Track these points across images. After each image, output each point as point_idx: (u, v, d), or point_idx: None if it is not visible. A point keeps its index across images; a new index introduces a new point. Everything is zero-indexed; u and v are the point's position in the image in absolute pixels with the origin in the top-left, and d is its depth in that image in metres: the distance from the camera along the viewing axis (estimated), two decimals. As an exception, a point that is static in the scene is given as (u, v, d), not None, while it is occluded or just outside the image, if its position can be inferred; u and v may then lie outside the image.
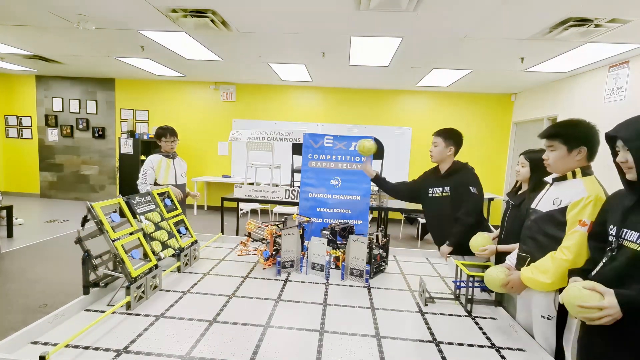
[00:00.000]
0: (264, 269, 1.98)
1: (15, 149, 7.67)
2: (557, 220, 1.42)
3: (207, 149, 7.33)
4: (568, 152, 1.46)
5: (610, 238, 1.20)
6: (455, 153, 2.41)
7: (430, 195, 2.45)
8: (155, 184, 3.19)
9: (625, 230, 1.16)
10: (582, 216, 1.33)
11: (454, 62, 4.68)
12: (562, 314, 1.44)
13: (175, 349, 1.18)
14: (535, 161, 1.94)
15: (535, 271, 1.39)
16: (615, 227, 1.19)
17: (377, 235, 2.02)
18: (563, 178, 1.50)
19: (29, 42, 4.69)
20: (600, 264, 1.21)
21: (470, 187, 2.27)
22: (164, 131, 3.32)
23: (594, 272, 1.21)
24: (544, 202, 1.52)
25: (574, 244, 1.32)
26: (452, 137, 2.39)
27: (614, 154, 1.23)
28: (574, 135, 1.45)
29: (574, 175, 1.46)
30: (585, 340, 1.26)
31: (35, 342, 1.18)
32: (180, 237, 1.99)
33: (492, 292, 1.66)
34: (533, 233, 1.52)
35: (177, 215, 2.08)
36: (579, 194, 1.37)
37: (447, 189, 2.36)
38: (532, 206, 1.60)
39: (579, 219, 1.33)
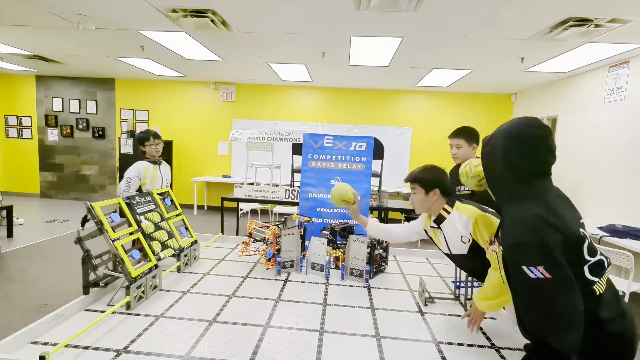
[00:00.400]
0: (267, 269, 1.98)
1: (15, 149, 7.67)
2: (477, 248, 1.44)
3: (207, 149, 7.33)
4: (426, 194, 1.56)
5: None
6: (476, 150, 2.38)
7: (457, 193, 2.40)
8: (139, 191, 2.93)
9: None
10: (484, 237, 1.38)
11: (454, 62, 4.68)
12: None
13: (175, 349, 1.18)
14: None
15: (492, 299, 1.34)
16: None
17: None
18: (441, 218, 1.55)
19: (29, 42, 4.69)
20: None
21: None
22: (146, 134, 2.99)
23: None
24: (456, 246, 1.52)
25: (496, 265, 1.31)
26: (473, 135, 2.37)
27: None
28: (428, 180, 1.56)
29: (446, 211, 1.54)
30: None
31: (35, 342, 1.18)
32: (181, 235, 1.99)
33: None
34: (473, 267, 1.53)
35: (176, 216, 2.08)
36: (468, 223, 1.44)
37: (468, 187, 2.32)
38: (446, 251, 1.60)
39: (485, 241, 1.37)
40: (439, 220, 1.56)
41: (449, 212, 1.53)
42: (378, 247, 1.96)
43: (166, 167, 3.20)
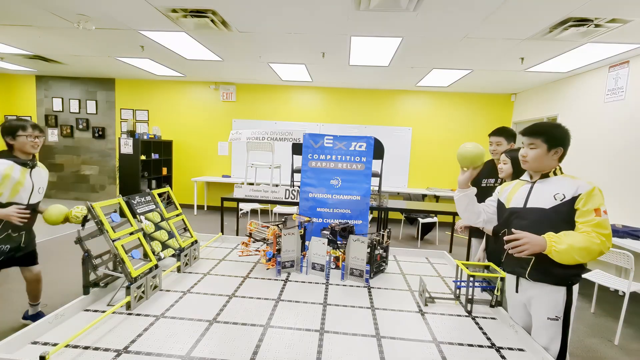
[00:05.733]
0: (267, 269, 1.98)
1: (15, 149, 7.66)
2: (564, 212, 1.47)
3: (207, 149, 7.33)
4: (547, 151, 1.54)
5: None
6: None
7: (482, 185, 2.62)
8: None
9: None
10: (598, 204, 1.42)
11: (454, 62, 4.68)
12: (567, 313, 1.46)
13: (175, 349, 1.18)
14: (516, 159, 2.04)
15: (571, 249, 1.37)
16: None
17: (382, 235, 2.02)
18: (545, 176, 1.57)
19: (29, 42, 4.69)
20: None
21: None
22: (21, 122, 2.17)
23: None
24: (540, 200, 1.53)
25: (609, 232, 1.41)
26: (512, 135, 2.55)
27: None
28: (555, 135, 1.54)
29: (555, 173, 1.57)
30: None
31: (35, 342, 1.18)
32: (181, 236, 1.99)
33: (493, 292, 1.66)
34: (536, 232, 1.51)
35: (177, 215, 2.08)
36: (585, 186, 1.45)
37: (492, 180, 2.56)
38: (519, 205, 1.59)
39: (595, 208, 1.42)
40: (543, 177, 1.57)
41: (555, 174, 1.55)
42: (378, 247, 1.96)
43: (41, 171, 2.38)
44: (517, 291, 1.59)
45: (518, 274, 1.58)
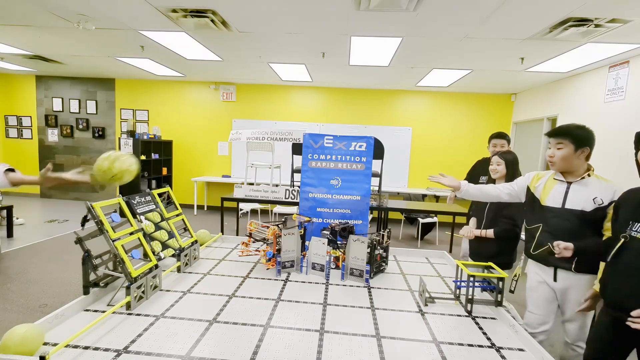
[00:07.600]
0: (267, 269, 1.98)
1: (15, 149, 7.67)
2: (601, 215, 1.59)
3: (207, 149, 7.34)
4: (574, 151, 1.65)
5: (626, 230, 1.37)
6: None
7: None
8: None
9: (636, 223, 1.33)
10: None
11: (454, 62, 4.68)
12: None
13: (175, 349, 1.18)
14: (510, 161, 2.26)
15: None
16: (630, 221, 1.37)
17: (382, 235, 2.02)
18: (581, 177, 1.68)
19: (29, 42, 4.69)
20: (614, 251, 1.38)
21: None
22: None
23: (609, 258, 1.40)
24: (581, 202, 1.64)
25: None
26: (506, 136, 2.79)
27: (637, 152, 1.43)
28: (582, 136, 1.65)
29: (589, 175, 1.68)
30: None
31: (35, 342, 1.18)
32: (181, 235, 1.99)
33: (493, 292, 1.66)
34: (577, 232, 1.62)
35: (177, 215, 2.08)
36: (617, 191, 1.56)
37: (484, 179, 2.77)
38: (556, 205, 1.70)
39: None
40: (578, 179, 1.66)
41: (589, 175, 1.65)
42: (378, 247, 1.96)
43: None
44: (555, 280, 1.74)
45: (559, 267, 1.72)
